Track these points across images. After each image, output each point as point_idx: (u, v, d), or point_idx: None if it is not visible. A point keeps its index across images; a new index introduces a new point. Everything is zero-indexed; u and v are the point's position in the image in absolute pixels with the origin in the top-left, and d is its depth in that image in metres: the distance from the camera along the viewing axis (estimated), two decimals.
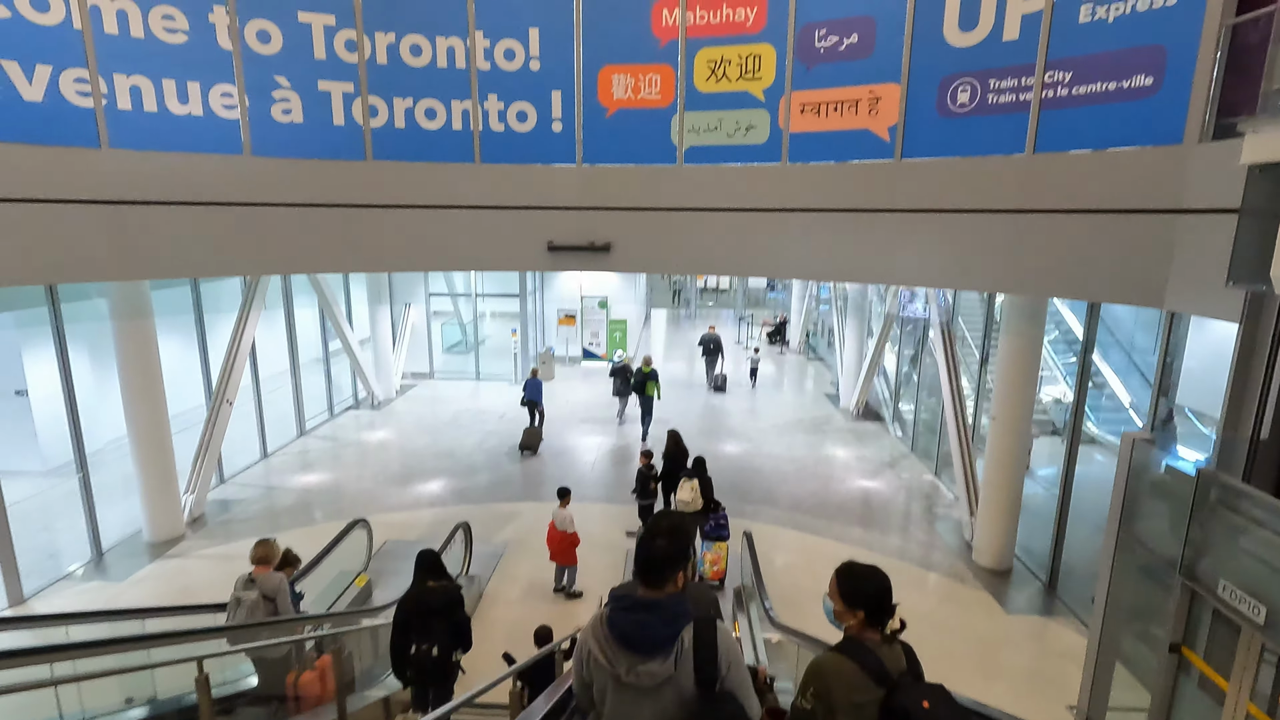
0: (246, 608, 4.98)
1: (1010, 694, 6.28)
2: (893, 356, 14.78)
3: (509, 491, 10.76)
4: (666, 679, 2.04)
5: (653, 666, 2.04)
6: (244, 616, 4.98)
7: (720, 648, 2.08)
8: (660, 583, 2.14)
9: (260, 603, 5.01)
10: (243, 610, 5.00)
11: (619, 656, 2.09)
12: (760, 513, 10.09)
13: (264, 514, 10.03)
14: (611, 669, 2.09)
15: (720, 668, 2.07)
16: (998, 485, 8.26)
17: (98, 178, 7.28)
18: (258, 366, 11.77)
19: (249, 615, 4.98)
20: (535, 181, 9.18)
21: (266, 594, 5.05)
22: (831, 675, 2.19)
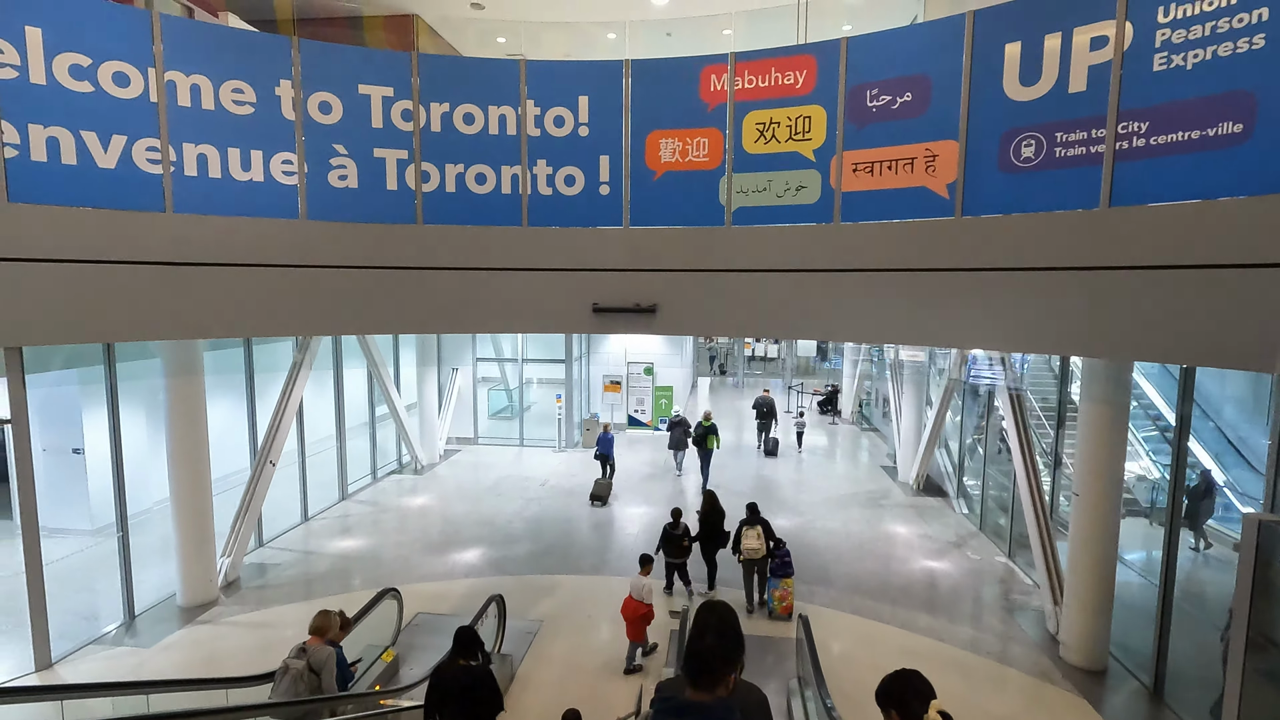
0: (291, 677, 4.94)
1: None
2: (955, 427, 13.95)
3: (548, 563, 10.28)
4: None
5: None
6: (287, 685, 4.93)
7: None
8: (711, 685, 2.03)
9: (305, 674, 4.96)
10: (287, 679, 4.95)
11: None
12: (815, 594, 9.31)
13: (299, 580, 9.77)
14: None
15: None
16: (1086, 571, 7.39)
17: (161, 240, 7.50)
18: (304, 429, 11.81)
19: (292, 684, 4.92)
20: (581, 244, 9.14)
21: (313, 666, 5.02)
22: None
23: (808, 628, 6.63)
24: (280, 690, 4.94)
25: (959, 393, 13.22)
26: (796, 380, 25.87)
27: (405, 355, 16.02)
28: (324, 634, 5.27)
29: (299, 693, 4.91)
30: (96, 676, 7.02)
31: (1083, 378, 7.42)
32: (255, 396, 10.66)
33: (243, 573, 9.78)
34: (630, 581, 7.87)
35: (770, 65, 8.29)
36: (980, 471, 12.29)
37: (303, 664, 5.01)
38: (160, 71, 7.28)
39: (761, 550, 8.81)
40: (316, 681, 5.02)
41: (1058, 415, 9.40)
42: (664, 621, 8.51)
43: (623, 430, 19.06)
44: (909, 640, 8.15)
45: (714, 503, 9.52)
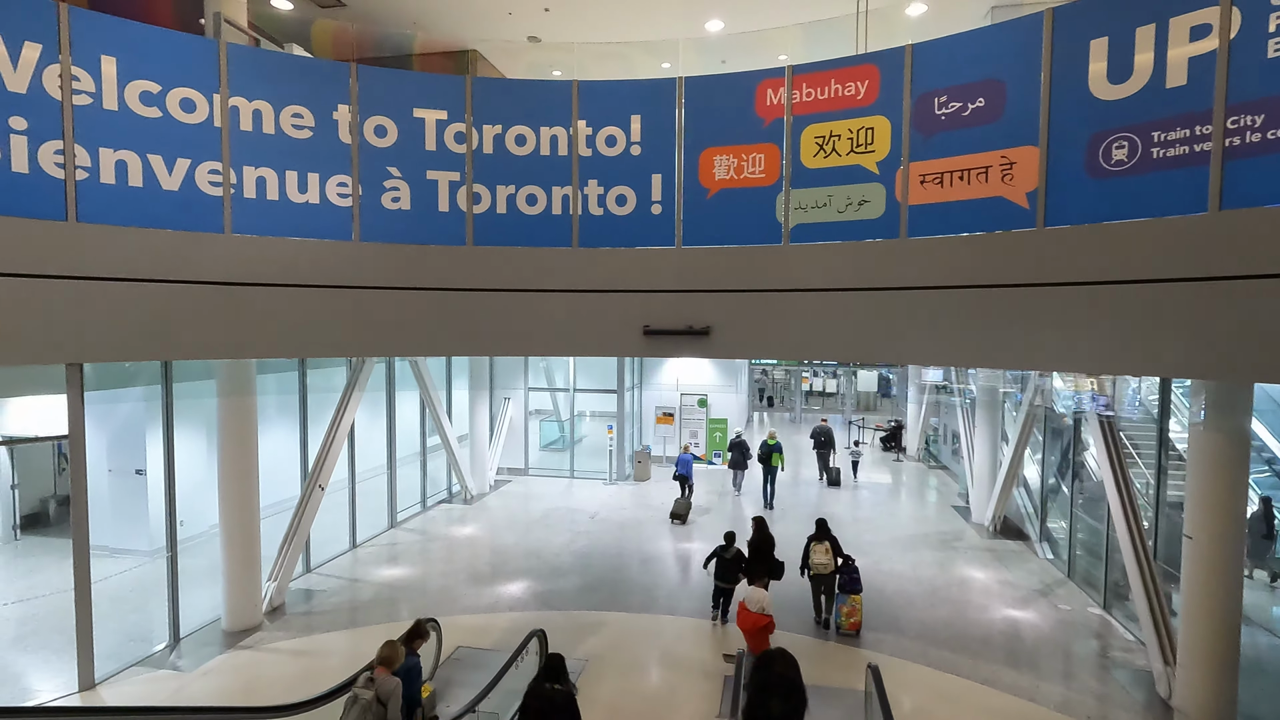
0: (360, 707, 5.12)
1: None
2: (1034, 465, 12.90)
3: (595, 599, 9.80)
4: None
5: None
6: (357, 715, 5.11)
7: None
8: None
9: (373, 704, 5.14)
10: (356, 709, 5.14)
11: None
12: (883, 642, 8.51)
13: (344, 607, 9.58)
14: None
15: None
16: (1205, 627, 6.46)
17: (219, 260, 7.60)
18: (354, 454, 11.80)
19: (361, 714, 5.10)
20: (632, 265, 8.88)
21: (380, 697, 5.18)
22: None
23: (879, 679, 5.94)
24: (351, 718, 5.14)
25: (1039, 425, 12.23)
26: (857, 415, 24.83)
27: (458, 383, 16.04)
28: (391, 665, 5.36)
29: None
30: (135, 700, 6.91)
31: (1193, 403, 6.59)
32: (308, 421, 10.71)
33: (288, 598, 9.66)
34: (742, 593, 7.86)
35: (830, 77, 7.95)
36: (1066, 512, 11.22)
37: (371, 695, 5.15)
38: (225, 98, 7.46)
39: (830, 565, 8.92)
40: (384, 711, 5.16)
41: (1158, 452, 8.45)
42: (717, 667, 7.89)
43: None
44: (992, 699, 7.28)
45: (763, 528, 9.22)
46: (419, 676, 5.99)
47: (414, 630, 6.08)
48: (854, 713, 6.75)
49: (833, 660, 8.02)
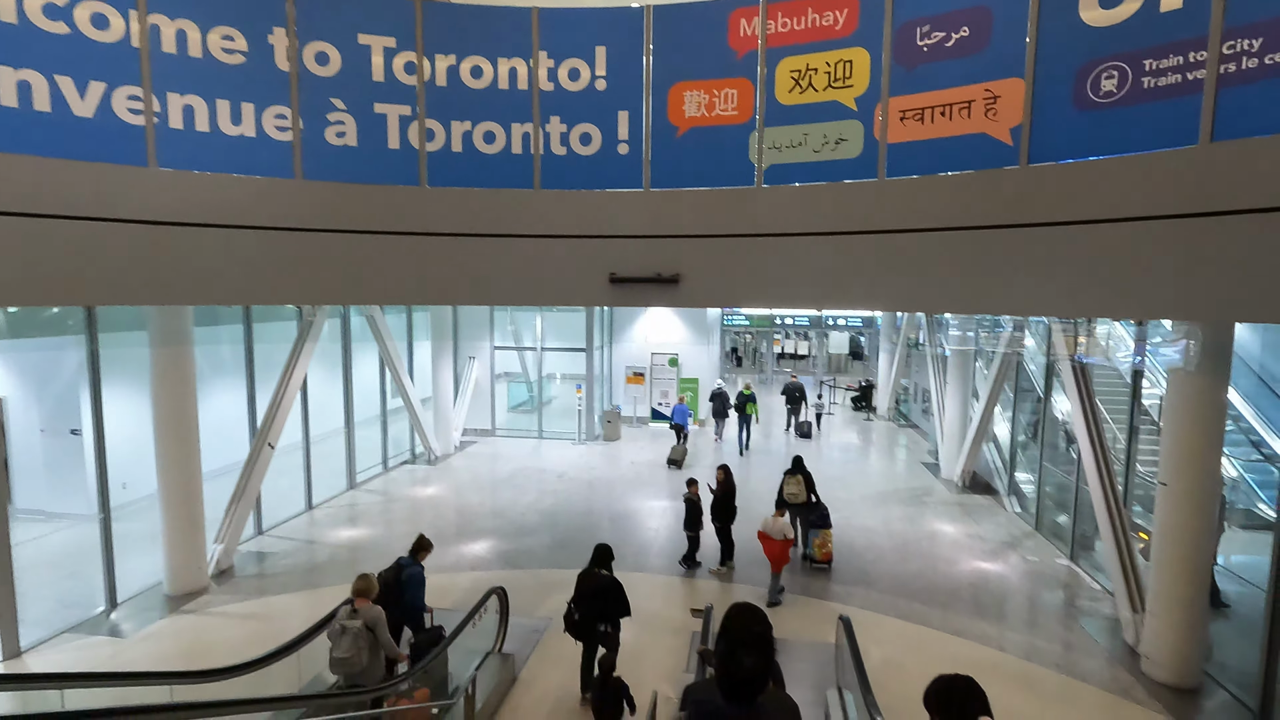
0: (351, 635, 5.26)
1: None
2: (1004, 422, 12.89)
3: (562, 557, 9.53)
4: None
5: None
6: (349, 644, 5.24)
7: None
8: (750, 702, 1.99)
9: (363, 631, 5.30)
10: (348, 638, 5.26)
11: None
12: (854, 595, 8.41)
13: (298, 569, 9.17)
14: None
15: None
16: (1176, 575, 6.39)
17: (143, 197, 6.93)
18: (308, 412, 11.26)
19: (353, 643, 5.24)
20: (598, 208, 8.39)
21: (368, 624, 5.32)
22: None
23: (850, 631, 5.76)
24: (344, 647, 5.26)
25: (1010, 381, 12.15)
26: (828, 376, 24.81)
27: (420, 343, 15.46)
28: (368, 595, 5.48)
29: (360, 648, 5.24)
30: (63, 667, 6.46)
31: (1172, 346, 6.42)
32: (255, 377, 10.12)
33: (238, 561, 9.21)
34: (764, 523, 8.42)
35: (807, 5, 7.46)
36: (1035, 467, 11.22)
37: (359, 623, 5.28)
38: (143, 14, 6.72)
39: (801, 496, 9.52)
40: (373, 637, 5.32)
41: (1131, 397, 8.35)
42: (685, 623, 7.70)
43: (645, 425, 18.27)
44: (963, 648, 7.21)
45: (729, 475, 9.34)
46: (422, 585, 6.34)
47: (417, 543, 6.56)
48: (825, 665, 6.60)
49: (804, 614, 7.88)
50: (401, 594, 6.17)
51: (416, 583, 6.31)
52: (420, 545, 6.59)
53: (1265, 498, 8.95)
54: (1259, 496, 8.98)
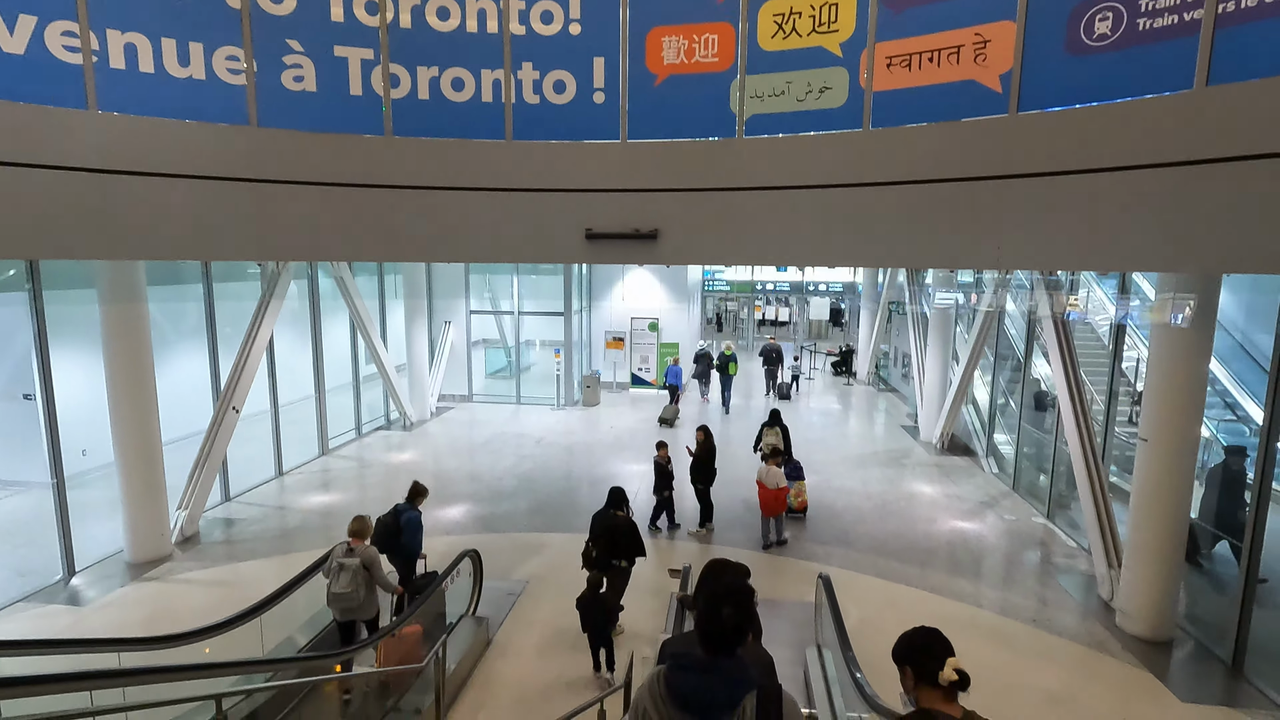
0: (349, 572, 5.46)
1: None
2: (984, 385, 12.88)
3: (538, 521, 9.38)
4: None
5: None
6: (347, 580, 5.44)
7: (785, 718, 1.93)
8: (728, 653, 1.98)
9: (360, 569, 5.49)
10: (345, 574, 5.45)
11: (673, 717, 1.94)
12: (833, 555, 8.38)
13: (267, 535, 8.93)
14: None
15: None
16: (1154, 530, 6.38)
17: (84, 142, 6.49)
18: (275, 375, 10.90)
19: (351, 579, 5.44)
20: (573, 160, 8.05)
21: (365, 563, 5.53)
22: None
23: (830, 588, 5.68)
24: (342, 583, 5.45)
25: (990, 344, 12.10)
26: (809, 342, 24.76)
27: (393, 307, 15.04)
28: (363, 536, 5.66)
29: (357, 584, 5.45)
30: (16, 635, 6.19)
31: (1158, 296, 6.31)
32: (218, 341, 9.73)
33: (203, 527, 8.94)
34: (759, 471, 8.73)
35: None
36: (1013, 427, 11.23)
37: (356, 561, 5.49)
38: None
39: (779, 444, 9.89)
40: (369, 576, 5.54)
41: (1112, 352, 8.29)
42: (664, 584, 7.60)
43: (625, 390, 18.10)
44: (941, 605, 7.21)
45: (709, 435, 9.22)
46: (419, 530, 6.63)
47: (414, 490, 6.81)
48: (804, 624, 6.56)
49: (783, 573, 7.83)
50: (399, 538, 6.46)
51: (414, 527, 6.57)
52: (417, 491, 6.81)
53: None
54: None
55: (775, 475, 8.64)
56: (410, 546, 6.54)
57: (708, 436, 9.17)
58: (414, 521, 6.58)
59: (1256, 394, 9.22)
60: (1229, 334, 10.06)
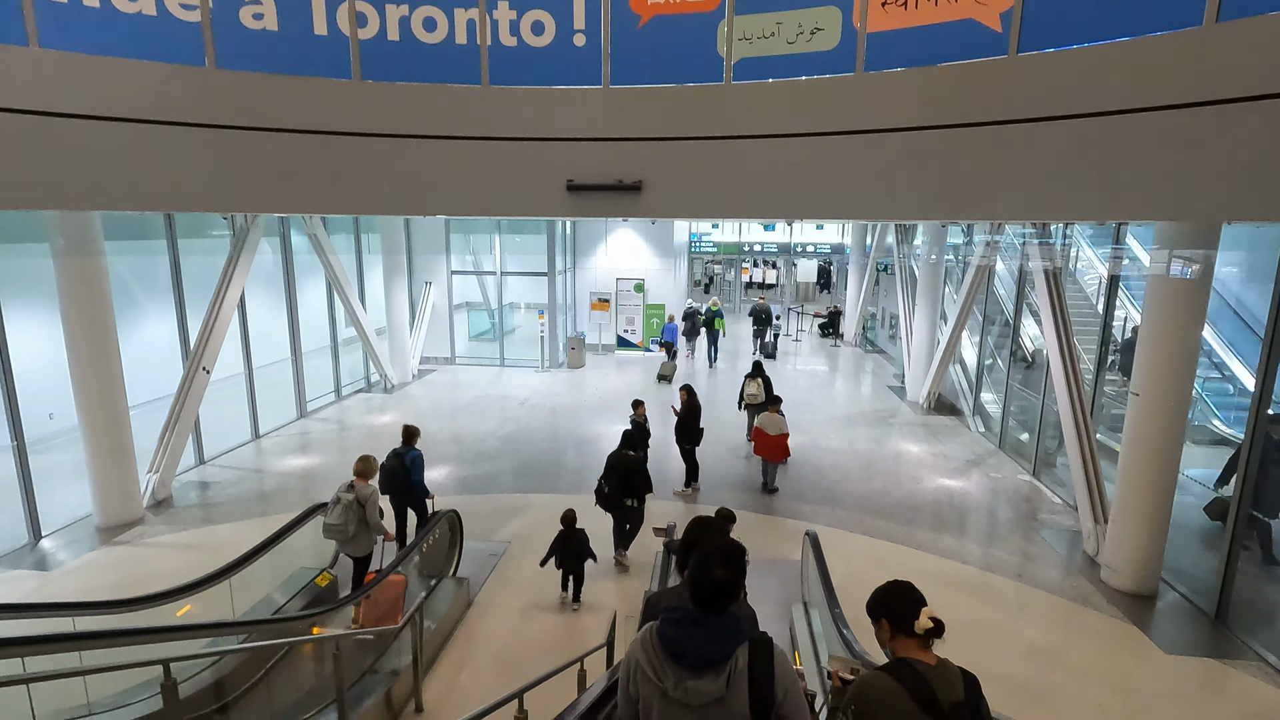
0: (343, 506, 5.82)
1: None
2: (971, 346, 12.79)
3: (522, 483, 9.24)
4: (716, 699, 1.91)
5: (703, 684, 1.92)
6: (339, 513, 5.81)
7: (778, 672, 1.95)
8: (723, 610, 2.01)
9: (354, 505, 5.84)
10: (340, 508, 5.82)
11: (667, 671, 1.97)
12: (819, 514, 8.31)
13: (243, 497, 8.71)
14: (659, 683, 1.97)
15: (777, 693, 1.92)
16: (1143, 486, 6.32)
17: (24, 82, 6.05)
18: (249, 340, 10.56)
19: (344, 513, 5.81)
20: (553, 107, 7.67)
21: (360, 499, 5.86)
22: (875, 696, 2.00)
23: (817, 545, 5.58)
24: (334, 515, 5.83)
25: (978, 308, 11.96)
26: (796, 304, 24.58)
27: (371, 267, 14.61)
28: (367, 476, 5.98)
29: (348, 520, 5.79)
30: None
31: (1157, 237, 6.13)
32: (186, 300, 9.34)
33: (176, 490, 8.70)
34: (759, 419, 9.02)
35: None
36: (1000, 386, 11.17)
37: (352, 497, 5.83)
38: None
39: (760, 397, 10.23)
40: (362, 512, 5.86)
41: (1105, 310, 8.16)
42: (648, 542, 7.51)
43: (611, 352, 17.88)
44: (927, 562, 7.18)
45: (692, 394, 9.09)
46: (422, 465, 6.96)
47: (407, 431, 7.08)
48: (790, 582, 6.49)
49: (769, 532, 7.76)
50: (409, 477, 6.80)
51: (420, 463, 6.94)
52: (411, 433, 7.09)
53: (1221, 416, 9.01)
54: (1214, 414, 9.03)
55: (777, 422, 8.84)
56: (419, 483, 6.90)
57: (691, 395, 9.01)
58: (419, 459, 6.94)
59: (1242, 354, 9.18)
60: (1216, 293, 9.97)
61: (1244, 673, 5.40)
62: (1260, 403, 5.75)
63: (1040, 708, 5.03)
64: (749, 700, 1.90)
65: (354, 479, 5.92)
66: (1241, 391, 9.12)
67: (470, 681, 5.26)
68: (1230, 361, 9.35)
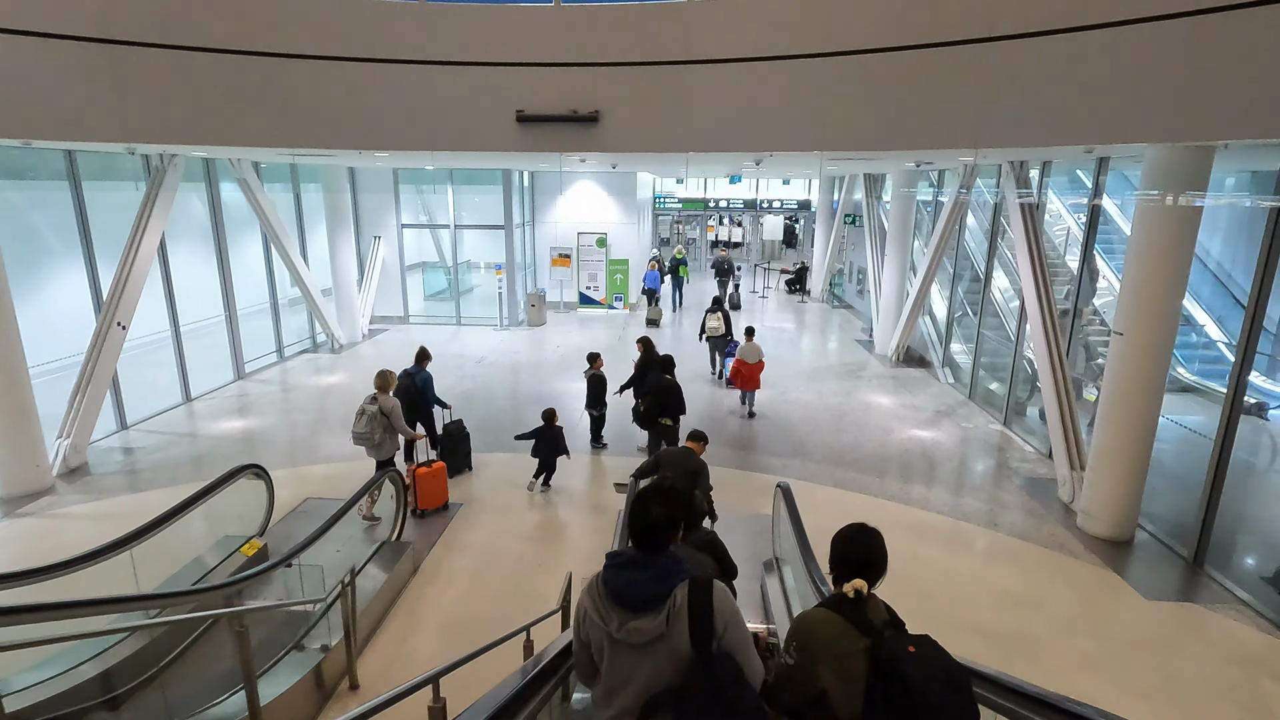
0: (368, 416, 6.28)
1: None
2: (941, 299, 12.55)
3: (477, 440, 8.64)
4: (659, 636, 1.94)
5: (643, 623, 1.95)
6: (365, 423, 6.28)
7: (716, 606, 1.97)
8: (656, 550, 2.05)
9: (379, 415, 6.31)
10: (365, 418, 6.29)
11: (611, 613, 2.00)
12: (789, 467, 7.98)
13: (169, 463, 8.00)
14: (604, 626, 2.00)
15: (716, 626, 1.95)
16: (1125, 429, 6.08)
17: None
18: (173, 291, 9.69)
19: (369, 423, 6.28)
20: (498, 28, 6.95)
21: (384, 410, 6.35)
22: (814, 628, 2.07)
23: (789, 498, 5.20)
24: (360, 425, 6.30)
25: (949, 258, 11.66)
26: (762, 262, 24.17)
27: (317, 222, 13.63)
28: (386, 389, 6.51)
29: (373, 429, 6.27)
30: None
31: (1145, 168, 5.77)
32: (95, 251, 8.43)
33: (93, 457, 7.95)
34: (739, 349, 9.74)
35: None
36: (970, 337, 10.95)
37: (376, 408, 6.31)
38: None
39: (720, 329, 11.07)
40: (387, 421, 6.38)
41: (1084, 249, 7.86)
42: (610, 501, 7.10)
43: (573, 310, 17.28)
44: (901, 513, 6.91)
45: (649, 349, 8.62)
46: (432, 384, 7.75)
47: (421, 353, 7.89)
48: (760, 536, 6.14)
49: (739, 487, 7.38)
50: (423, 395, 7.50)
51: (430, 383, 7.69)
52: (424, 354, 7.88)
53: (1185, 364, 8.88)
54: (1179, 362, 8.90)
55: (755, 350, 9.49)
56: (433, 399, 7.63)
57: (648, 348, 8.54)
58: (429, 379, 7.63)
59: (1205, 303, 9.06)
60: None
61: (1225, 616, 5.24)
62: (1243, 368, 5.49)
63: (1021, 657, 4.79)
64: (690, 635, 1.93)
65: (375, 392, 6.45)
66: (1207, 343, 9.02)
67: (415, 651, 4.80)
68: (1194, 310, 9.22)
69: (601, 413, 8.51)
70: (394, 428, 6.38)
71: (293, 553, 4.44)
